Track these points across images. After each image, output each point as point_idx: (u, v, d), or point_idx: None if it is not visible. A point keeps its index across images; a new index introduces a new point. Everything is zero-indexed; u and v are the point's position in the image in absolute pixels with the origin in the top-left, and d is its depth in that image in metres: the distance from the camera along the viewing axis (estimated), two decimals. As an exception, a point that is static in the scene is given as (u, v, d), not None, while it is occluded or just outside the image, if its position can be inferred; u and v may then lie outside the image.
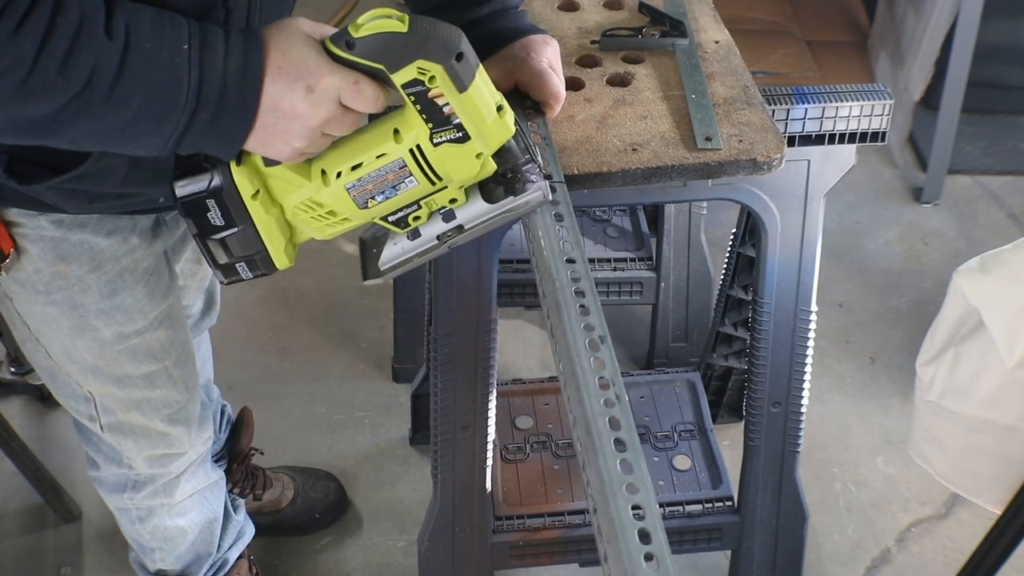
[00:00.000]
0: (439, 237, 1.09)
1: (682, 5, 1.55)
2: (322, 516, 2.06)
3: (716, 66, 1.42)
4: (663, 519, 0.82)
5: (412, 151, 0.99)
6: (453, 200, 1.06)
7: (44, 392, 2.25)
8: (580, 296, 0.99)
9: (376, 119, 1.02)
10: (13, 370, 2.28)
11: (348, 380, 2.38)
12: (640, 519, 0.81)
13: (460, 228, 1.08)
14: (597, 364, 0.93)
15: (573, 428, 0.92)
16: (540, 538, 1.76)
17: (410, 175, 1.01)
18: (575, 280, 1.00)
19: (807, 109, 1.43)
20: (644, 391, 2.02)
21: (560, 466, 1.86)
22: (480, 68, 0.97)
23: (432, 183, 1.02)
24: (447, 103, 0.96)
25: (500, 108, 1.00)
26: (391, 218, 1.06)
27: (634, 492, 0.83)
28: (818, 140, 1.46)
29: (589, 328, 0.96)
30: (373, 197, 1.03)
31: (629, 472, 0.84)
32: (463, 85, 0.95)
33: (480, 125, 0.98)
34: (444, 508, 1.68)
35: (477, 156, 1.00)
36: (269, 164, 1.03)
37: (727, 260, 1.96)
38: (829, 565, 2.00)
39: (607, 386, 0.91)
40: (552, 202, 1.08)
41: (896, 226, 2.80)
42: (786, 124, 1.44)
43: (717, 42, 1.47)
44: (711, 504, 1.80)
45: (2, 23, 0.86)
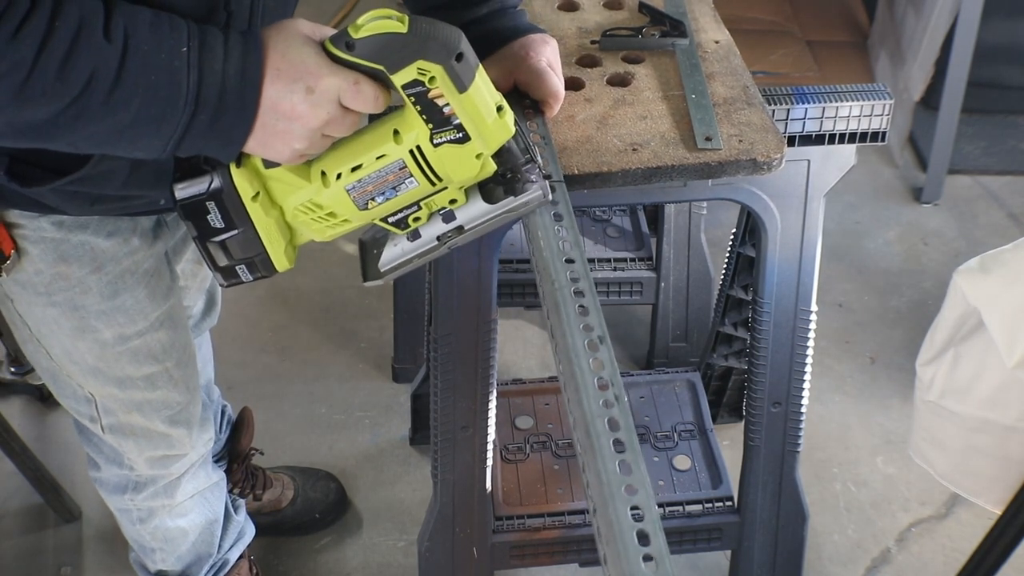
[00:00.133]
0: (439, 238, 1.09)
1: (682, 5, 1.55)
2: (322, 516, 2.06)
3: (716, 66, 1.42)
4: (663, 519, 0.81)
5: (412, 152, 0.99)
6: (453, 201, 1.06)
7: (44, 392, 2.25)
8: (579, 296, 0.99)
9: (376, 120, 1.02)
10: (13, 370, 2.28)
11: (348, 380, 2.38)
12: (639, 520, 0.81)
13: (460, 229, 1.08)
14: (596, 364, 0.93)
15: (573, 429, 0.91)
16: (540, 538, 1.76)
17: (410, 176, 1.01)
18: (574, 280, 1.00)
19: (807, 109, 1.43)
20: (644, 391, 2.02)
21: (560, 466, 1.86)
22: (480, 68, 0.97)
23: (432, 184, 1.02)
24: (447, 103, 0.96)
25: (500, 108, 1.00)
26: (391, 219, 1.06)
27: (633, 493, 0.83)
28: (818, 140, 1.46)
29: (588, 328, 0.96)
30: (373, 198, 1.03)
31: (628, 473, 0.84)
32: (463, 85, 0.95)
33: (480, 125, 0.98)
34: (444, 508, 1.68)
35: (477, 156, 1.00)
36: (269, 166, 1.02)
37: (727, 260, 1.96)
38: (829, 565, 2.00)
39: (606, 387, 0.91)
40: (551, 202, 1.08)
41: (896, 226, 2.80)
42: (786, 124, 1.44)
43: (717, 42, 1.47)
44: (711, 504, 1.80)
45: (1, 27, 0.85)
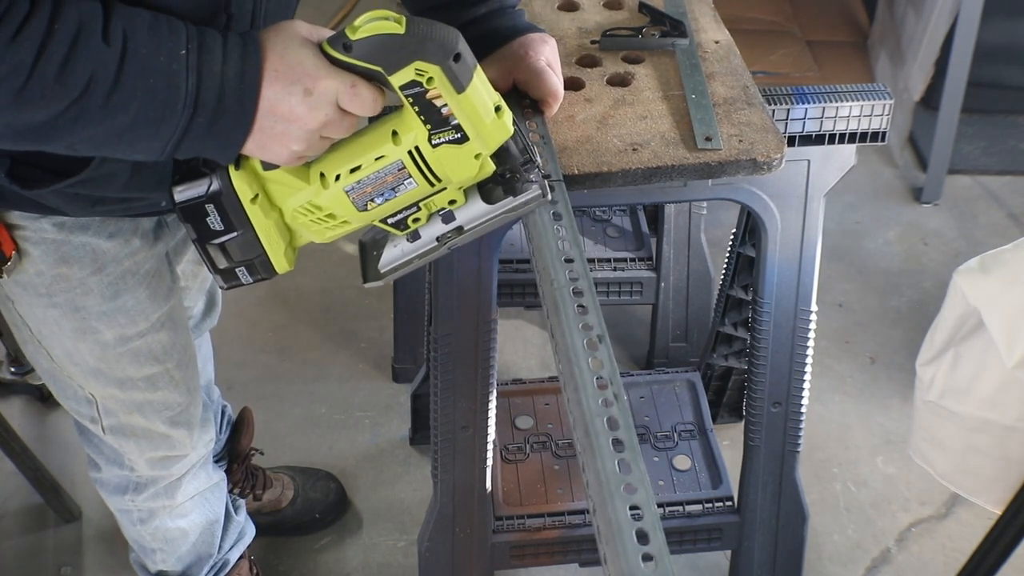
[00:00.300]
0: (439, 239, 1.09)
1: (682, 5, 1.55)
2: (322, 516, 2.06)
3: (716, 66, 1.42)
4: (663, 519, 0.81)
5: (411, 153, 0.99)
6: (452, 201, 1.06)
7: (44, 392, 2.25)
8: (578, 296, 0.99)
9: (374, 121, 1.02)
10: (13, 370, 2.28)
11: (348, 380, 2.38)
12: (638, 519, 0.81)
13: (460, 229, 1.08)
14: (595, 364, 0.92)
15: (572, 428, 0.91)
16: (540, 538, 1.76)
17: (409, 177, 1.01)
18: (573, 280, 1.00)
19: (807, 109, 1.43)
20: (644, 391, 2.02)
21: (560, 466, 1.86)
22: (478, 68, 0.97)
23: (431, 184, 1.02)
24: (445, 104, 0.96)
25: (498, 108, 1.00)
26: (391, 220, 1.06)
27: (632, 492, 0.83)
28: (818, 140, 1.46)
29: (587, 328, 0.96)
30: (372, 199, 1.03)
31: (627, 472, 0.84)
32: (461, 86, 0.95)
33: (478, 126, 0.98)
34: (444, 508, 1.68)
35: (476, 157, 1.00)
36: (268, 168, 1.02)
37: (727, 260, 1.96)
38: (829, 565, 2.00)
39: (605, 386, 0.90)
40: (551, 201, 1.08)
41: (896, 226, 2.80)
42: (786, 124, 1.44)
43: (717, 42, 1.47)
44: (711, 504, 1.80)
45: (0, 30, 0.86)
